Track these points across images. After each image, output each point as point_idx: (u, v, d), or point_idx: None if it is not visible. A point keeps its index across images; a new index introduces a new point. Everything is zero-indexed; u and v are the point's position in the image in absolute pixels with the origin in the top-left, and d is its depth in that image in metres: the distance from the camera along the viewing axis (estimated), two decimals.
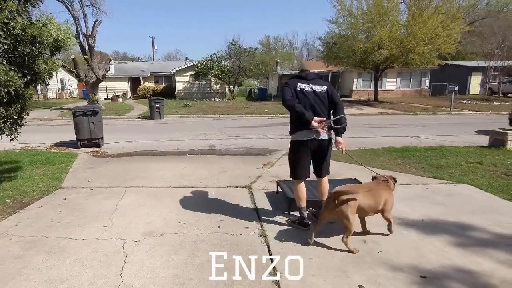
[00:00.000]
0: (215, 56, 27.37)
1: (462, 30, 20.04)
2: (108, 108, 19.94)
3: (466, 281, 2.47)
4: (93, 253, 2.94)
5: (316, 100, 3.23)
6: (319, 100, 3.24)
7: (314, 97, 3.22)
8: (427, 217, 3.65)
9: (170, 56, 68.40)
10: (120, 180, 5.26)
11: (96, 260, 2.82)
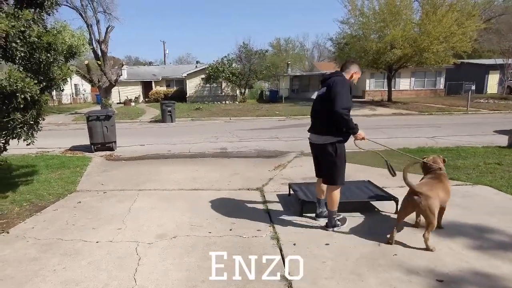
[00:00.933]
0: (226, 59, 27.57)
1: (478, 28, 19.63)
2: (121, 112, 20.29)
3: (484, 285, 2.42)
4: (107, 256, 2.99)
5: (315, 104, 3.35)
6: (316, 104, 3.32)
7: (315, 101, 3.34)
8: (443, 219, 3.57)
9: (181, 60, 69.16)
10: (133, 183, 5.34)
11: (110, 262, 2.88)
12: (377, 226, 3.47)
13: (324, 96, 3.13)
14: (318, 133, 3.22)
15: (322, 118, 3.16)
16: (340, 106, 2.92)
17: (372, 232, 3.33)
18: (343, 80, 3.10)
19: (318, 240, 3.20)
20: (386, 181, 4.84)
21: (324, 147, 3.17)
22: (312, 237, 3.26)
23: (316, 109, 3.27)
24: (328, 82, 3.12)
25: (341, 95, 2.95)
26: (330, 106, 2.98)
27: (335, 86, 3.01)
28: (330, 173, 3.23)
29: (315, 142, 3.27)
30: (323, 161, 3.26)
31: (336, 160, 3.15)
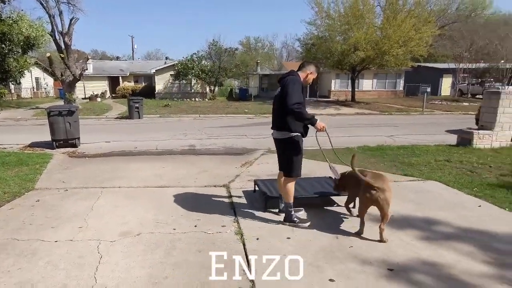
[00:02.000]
0: (196, 56, 27.13)
1: (433, 34, 20.75)
2: (86, 108, 19.40)
3: (430, 273, 2.59)
4: (67, 255, 2.87)
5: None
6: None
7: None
8: (397, 213, 3.78)
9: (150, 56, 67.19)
10: (97, 181, 5.14)
11: (69, 261, 2.76)
12: (336, 220, 3.60)
13: (279, 94, 3.29)
14: (277, 129, 3.38)
15: (279, 115, 3.31)
16: (290, 102, 3.08)
17: (331, 226, 3.45)
18: (294, 79, 3.25)
19: (280, 234, 3.26)
20: None
21: (282, 141, 3.37)
22: (275, 232, 3.32)
23: (274, 107, 3.43)
24: (282, 82, 3.29)
25: (291, 92, 3.12)
26: (283, 101, 3.16)
27: (287, 85, 3.18)
28: (287, 165, 3.41)
29: (276, 137, 3.44)
30: (282, 155, 3.47)
31: (292, 153, 3.34)
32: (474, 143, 7.30)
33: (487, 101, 7.62)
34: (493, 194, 4.31)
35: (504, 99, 7.25)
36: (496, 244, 3.03)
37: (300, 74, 3.38)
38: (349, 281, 2.49)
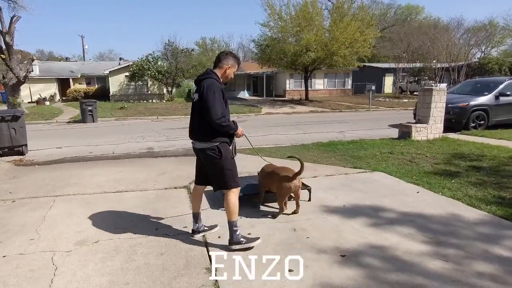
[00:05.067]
0: (151, 57, 26.19)
1: (375, 36, 22.07)
2: (33, 112, 17.94)
3: (377, 255, 2.78)
4: (17, 270, 2.66)
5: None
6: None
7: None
8: (348, 203, 3.99)
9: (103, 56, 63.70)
10: (48, 189, 4.80)
11: (20, 276, 2.56)
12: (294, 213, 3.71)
13: (197, 101, 2.81)
14: (197, 139, 2.87)
15: (200, 125, 2.82)
16: (215, 117, 2.67)
17: (289, 219, 3.56)
18: (212, 84, 2.75)
19: (241, 231, 3.29)
20: None
21: (205, 152, 2.83)
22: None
23: (193, 115, 2.92)
24: (199, 86, 2.81)
25: (213, 104, 2.67)
26: (205, 113, 2.72)
27: (206, 95, 2.70)
28: (220, 178, 2.88)
29: (198, 147, 2.90)
30: (208, 167, 2.91)
31: (223, 162, 2.83)
32: (413, 136, 7.92)
33: (422, 97, 8.30)
34: (429, 181, 4.72)
35: (436, 95, 7.95)
36: (432, 225, 3.34)
37: (218, 72, 2.90)
38: (307, 269, 2.59)
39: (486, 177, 4.84)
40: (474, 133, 8.90)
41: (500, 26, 35.86)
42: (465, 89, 11.15)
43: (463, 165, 5.60)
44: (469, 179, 4.75)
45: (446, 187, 4.44)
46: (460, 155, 6.28)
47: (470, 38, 29.18)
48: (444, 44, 26.68)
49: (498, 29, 34.60)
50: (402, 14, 35.83)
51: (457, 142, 7.62)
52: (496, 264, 2.60)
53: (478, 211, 3.64)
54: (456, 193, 4.20)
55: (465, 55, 27.47)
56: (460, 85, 12.82)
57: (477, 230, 3.19)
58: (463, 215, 3.55)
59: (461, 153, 6.44)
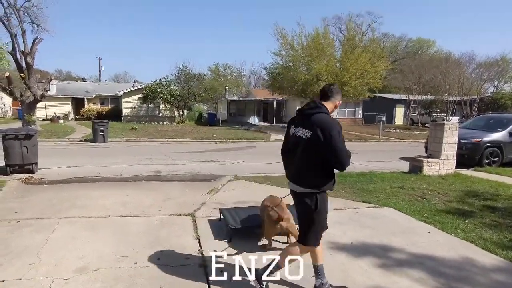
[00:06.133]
0: (165, 80, 26.97)
1: (386, 68, 22.40)
2: (47, 130, 18.37)
3: None
4: None
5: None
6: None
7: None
8: (356, 240, 3.88)
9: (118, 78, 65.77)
10: (54, 210, 4.81)
11: None
12: None
13: (307, 141, 2.44)
14: (297, 182, 2.55)
15: (304, 165, 2.48)
16: (347, 161, 2.37)
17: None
18: (335, 124, 2.42)
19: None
20: None
21: (302, 198, 2.53)
22: (240, 263, 3.26)
23: (296, 153, 2.53)
24: (314, 123, 2.42)
25: (342, 147, 2.35)
26: (329, 156, 2.38)
27: (331, 136, 2.34)
28: (304, 230, 2.61)
29: (295, 190, 2.59)
30: (299, 213, 2.65)
31: (314, 216, 2.53)
32: (424, 170, 7.78)
33: (433, 132, 8.23)
34: (441, 220, 4.58)
35: (448, 130, 7.88)
36: (444, 269, 3.20)
37: (328, 106, 2.56)
38: None
39: (502, 218, 4.67)
40: (488, 170, 8.71)
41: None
42: (478, 124, 11.05)
43: (477, 204, 5.44)
44: (483, 220, 4.59)
45: (459, 227, 4.29)
46: (474, 193, 6.12)
47: (483, 73, 29.30)
48: (456, 78, 26.83)
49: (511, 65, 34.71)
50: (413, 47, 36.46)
51: (470, 179, 7.44)
52: None
53: (493, 256, 3.48)
54: (469, 234, 4.05)
55: (477, 89, 27.49)
56: (473, 120, 12.73)
57: (492, 277, 3.04)
58: (477, 260, 3.40)
59: (474, 191, 6.28)
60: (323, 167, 2.45)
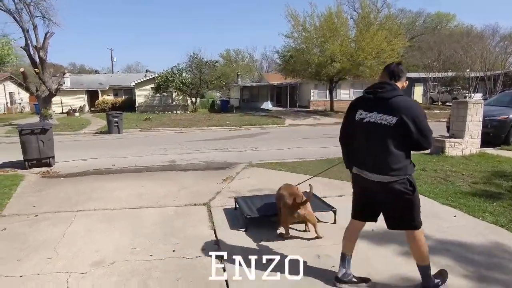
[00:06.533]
0: (176, 69, 26.90)
1: (404, 45, 21.52)
2: (63, 123, 18.75)
3: None
4: None
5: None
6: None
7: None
8: (377, 227, 3.68)
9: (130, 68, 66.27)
10: (71, 204, 4.86)
11: None
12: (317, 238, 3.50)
13: (397, 126, 2.27)
14: (380, 171, 2.36)
15: (388, 153, 2.33)
16: (432, 140, 2.36)
17: (313, 244, 3.36)
18: (419, 107, 2.36)
19: (262, 255, 3.13)
20: (327, 191, 4.98)
21: (392, 186, 2.36)
22: (257, 253, 3.19)
23: (371, 140, 2.39)
24: (398, 108, 2.28)
25: (429, 130, 2.31)
26: (420, 141, 2.29)
27: (421, 120, 2.27)
28: (409, 216, 2.46)
29: (379, 180, 2.39)
30: (394, 204, 2.44)
31: (414, 197, 2.42)
32: (447, 151, 7.46)
33: (456, 110, 7.85)
34: (467, 203, 4.36)
35: (471, 108, 7.49)
36: (472, 256, 3.03)
37: (400, 86, 2.45)
38: None
39: None
40: None
41: None
42: (503, 101, 10.47)
43: (505, 185, 5.16)
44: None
45: (487, 210, 4.07)
46: (501, 174, 5.81)
47: (508, 46, 27.78)
48: (479, 52, 25.57)
49: None
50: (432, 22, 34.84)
51: (496, 158, 7.09)
52: None
53: None
54: (499, 218, 3.83)
55: (501, 63, 26.15)
56: (497, 96, 12.10)
57: None
58: (508, 245, 3.20)
59: (502, 171, 5.97)
60: (407, 151, 2.37)
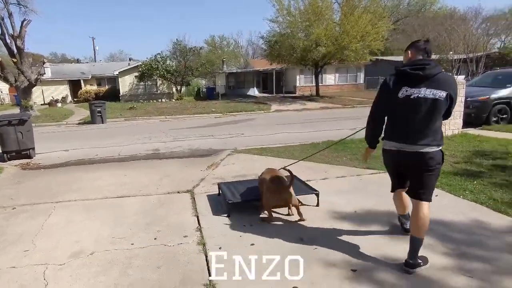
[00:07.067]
0: (160, 56, 26.22)
1: (388, 28, 21.43)
2: (45, 114, 18.17)
3: (393, 270, 2.53)
4: (7, 285, 2.54)
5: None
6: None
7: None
8: (360, 208, 3.74)
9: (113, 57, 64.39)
10: (51, 195, 4.71)
11: None
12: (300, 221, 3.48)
13: (446, 100, 2.44)
14: (423, 143, 2.48)
15: (431, 125, 2.48)
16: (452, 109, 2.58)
17: (296, 227, 3.33)
18: (455, 80, 2.64)
19: (244, 240, 3.10)
20: (311, 174, 4.95)
21: (429, 156, 2.50)
22: (239, 238, 3.15)
23: (418, 114, 2.48)
24: (446, 82, 2.45)
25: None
26: (449, 113, 2.55)
27: (454, 90, 2.49)
28: (429, 187, 2.58)
29: (420, 150, 2.50)
30: (422, 173, 2.55)
31: (439, 169, 2.61)
32: None
33: None
34: (449, 182, 4.41)
35: None
36: (453, 234, 3.06)
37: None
38: (313, 286, 2.37)
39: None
40: (496, 128, 8.43)
41: None
42: (485, 82, 10.60)
43: (485, 164, 5.24)
44: (493, 180, 4.41)
45: (468, 189, 4.12)
46: (482, 153, 5.90)
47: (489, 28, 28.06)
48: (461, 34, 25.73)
49: None
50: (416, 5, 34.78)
51: (478, 138, 7.19)
52: None
53: (505, 217, 3.33)
54: (479, 196, 3.89)
55: (483, 45, 26.43)
56: (480, 77, 12.23)
57: (505, 240, 2.90)
58: (488, 222, 3.25)
59: (482, 151, 6.06)
60: (441, 123, 2.57)
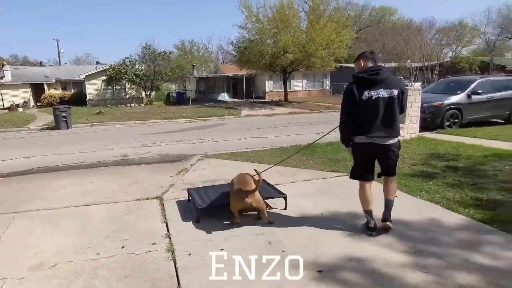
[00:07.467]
0: (128, 60, 25.47)
1: (351, 37, 22.32)
2: (4, 119, 17.00)
3: (356, 269, 2.62)
4: None
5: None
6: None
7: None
8: (326, 210, 3.84)
9: (80, 60, 61.59)
10: (9, 205, 4.40)
11: None
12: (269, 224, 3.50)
13: (393, 99, 3.02)
14: (391, 135, 3.09)
15: (395, 120, 3.08)
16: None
17: (265, 231, 3.35)
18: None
19: (213, 246, 3.07)
20: (280, 178, 5.02)
21: (395, 146, 3.16)
22: (208, 244, 3.12)
23: (382, 111, 3.02)
24: (395, 82, 3.08)
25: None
26: (404, 108, 3.16)
27: (403, 86, 3.15)
28: (395, 166, 3.30)
29: (386, 143, 3.11)
30: (392, 159, 3.20)
31: (399, 152, 3.28)
32: None
33: None
34: (407, 183, 4.64)
35: (411, 95, 7.94)
36: (411, 233, 3.22)
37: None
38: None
39: (463, 177, 4.80)
40: (449, 131, 9.01)
41: (469, 27, 37.18)
42: (438, 88, 11.31)
43: (439, 165, 5.57)
44: (446, 180, 4.70)
45: (424, 189, 4.37)
46: (437, 155, 6.28)
47: (442, 38, 30.02)
48: (418, 44, 27.33)
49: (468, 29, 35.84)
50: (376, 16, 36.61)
51: (433, 141, 7.64)
52: (478, 275, 2.48)
53: (456, 215, 3.55)
54: (434, 196, 4.12)
55: (437, 54, 28.23)
56: (434, 84, 13.04)
57: (456, 237, 3.09)
58: (442, 220, 3.45)
59: (437, 153, 6.44)
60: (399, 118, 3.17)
